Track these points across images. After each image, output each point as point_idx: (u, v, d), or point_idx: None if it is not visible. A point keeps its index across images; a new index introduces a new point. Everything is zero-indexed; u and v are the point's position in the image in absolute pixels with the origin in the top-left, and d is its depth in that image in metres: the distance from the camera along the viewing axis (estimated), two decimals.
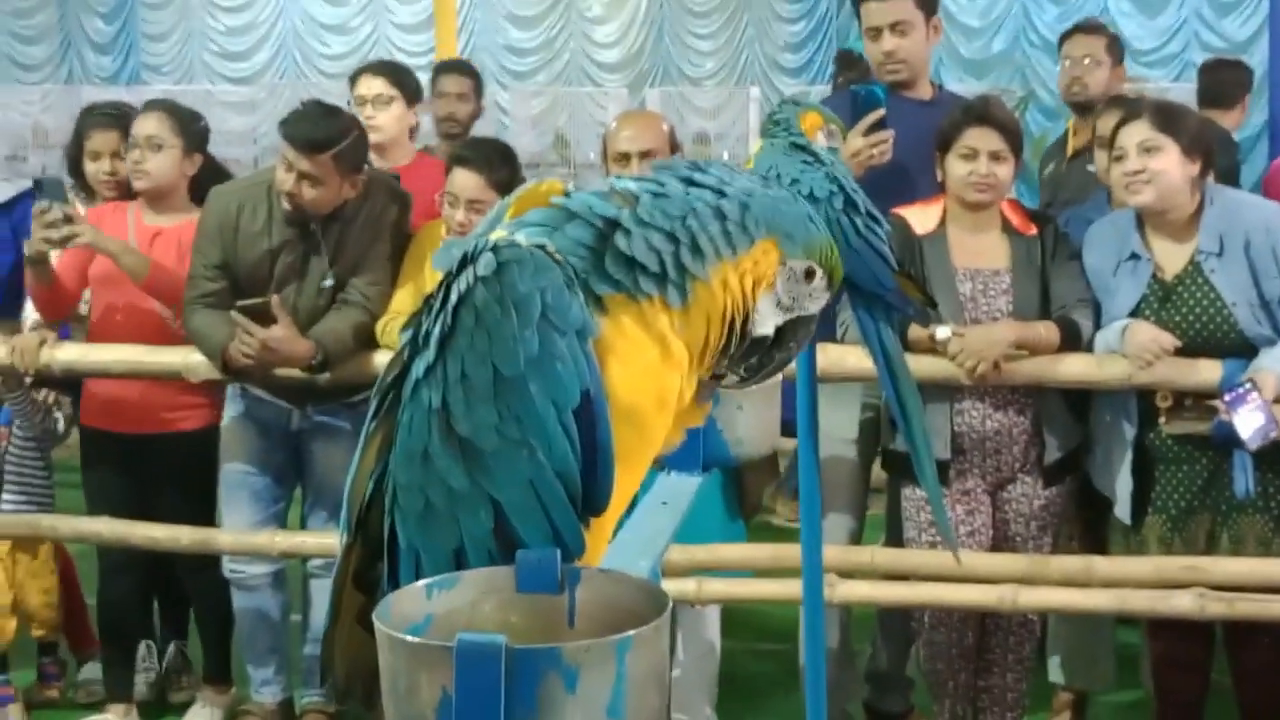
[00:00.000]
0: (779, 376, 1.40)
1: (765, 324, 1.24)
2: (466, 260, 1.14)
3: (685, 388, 1.20)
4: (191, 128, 3.77)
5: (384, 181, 3.74)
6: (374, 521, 1.17)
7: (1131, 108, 3.36)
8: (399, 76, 4.25)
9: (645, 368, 1.15)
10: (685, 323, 1.17)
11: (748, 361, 1.27)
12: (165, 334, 3.71)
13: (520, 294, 1.10)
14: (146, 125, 3.72)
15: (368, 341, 3.54)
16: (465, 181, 3.46)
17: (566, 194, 1.22)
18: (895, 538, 3.53)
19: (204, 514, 3.84)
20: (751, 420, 1.97)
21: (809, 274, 1.24)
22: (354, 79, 4.26)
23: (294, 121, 3.50)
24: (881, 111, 3.40)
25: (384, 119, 4.13)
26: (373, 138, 3.82)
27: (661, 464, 1.76)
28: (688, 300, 1.17)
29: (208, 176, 3.80)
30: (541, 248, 1.13)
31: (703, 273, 1.17)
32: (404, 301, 3.56)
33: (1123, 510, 3.31)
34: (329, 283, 3.57)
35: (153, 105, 3.83)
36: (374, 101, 4.15)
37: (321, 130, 3.47)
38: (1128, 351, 3.20)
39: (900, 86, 3.65)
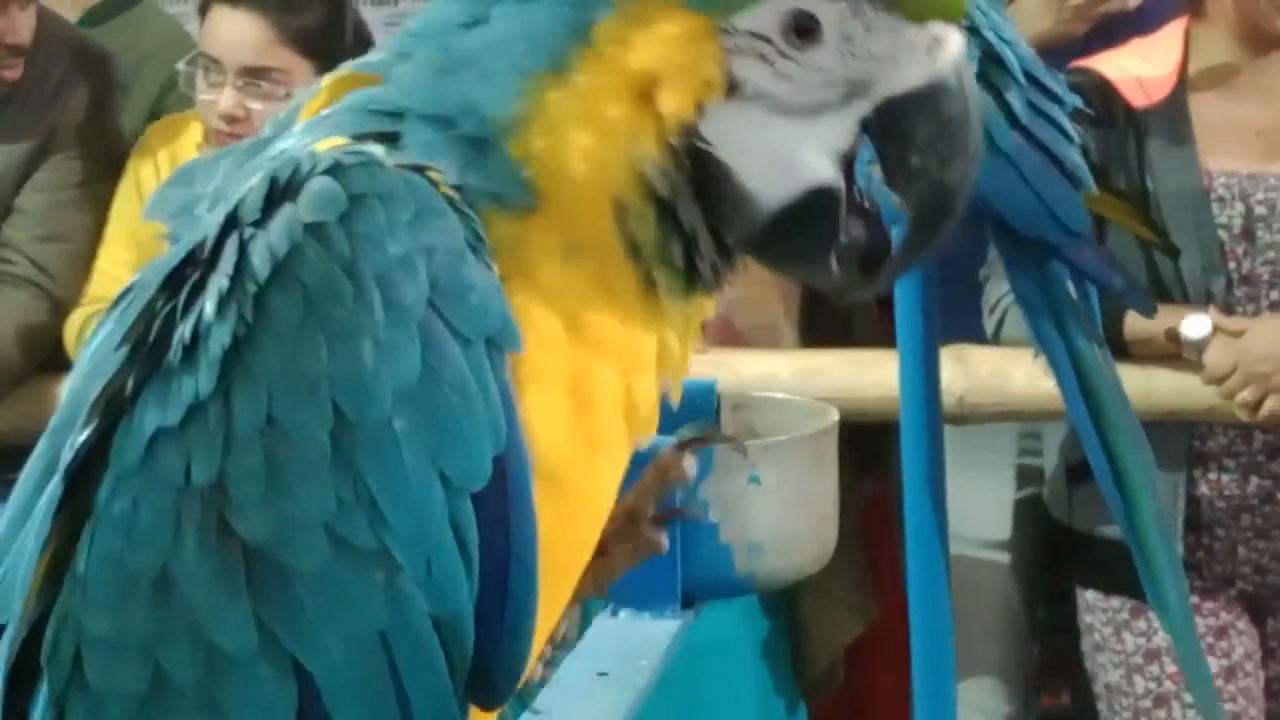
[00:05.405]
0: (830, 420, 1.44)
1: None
2: (275, 193, 1.11)
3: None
4: None
5: (66, 34, 3.66)
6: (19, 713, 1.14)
7: None
8: None
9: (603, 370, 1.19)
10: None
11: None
12: None
13: (388, 261, 1.08)
14: None
15: (47, 354, 3.52)
16: (234, 32, 3.35)
17: None
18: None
19: None
20: (779, 503, 1.68)
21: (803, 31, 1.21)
22: None
23: None
24: None
25: None
26: None
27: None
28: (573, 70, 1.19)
29: None
30: (420, 169, 1.13)
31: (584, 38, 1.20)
32: (119, 274, 3.42)
33: None
34: None
35: None
36: None
37: None
38: None
39: None
